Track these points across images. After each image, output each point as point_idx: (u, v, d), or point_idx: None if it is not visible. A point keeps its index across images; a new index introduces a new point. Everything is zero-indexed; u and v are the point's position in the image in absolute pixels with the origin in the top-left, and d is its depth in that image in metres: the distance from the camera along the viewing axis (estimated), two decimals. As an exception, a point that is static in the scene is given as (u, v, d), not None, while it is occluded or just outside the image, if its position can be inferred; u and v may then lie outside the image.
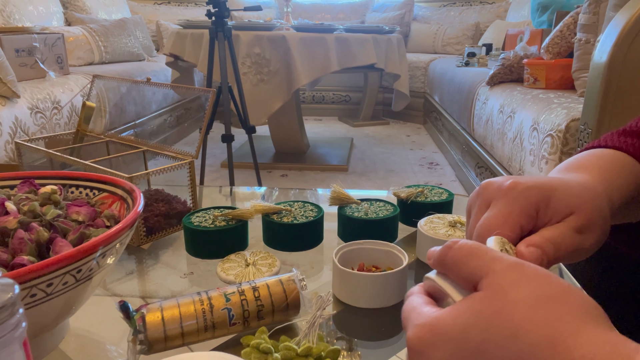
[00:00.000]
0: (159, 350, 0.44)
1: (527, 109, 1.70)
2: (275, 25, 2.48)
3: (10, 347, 0.23)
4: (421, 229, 0.67)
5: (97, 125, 0.97)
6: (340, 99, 4.46)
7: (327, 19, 4.53)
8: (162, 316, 0.43)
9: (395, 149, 3.30)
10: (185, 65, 2.68)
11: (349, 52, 2.39)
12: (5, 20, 2.65)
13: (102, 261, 0.43)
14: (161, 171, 0.73)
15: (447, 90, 3.12)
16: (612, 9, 1.33)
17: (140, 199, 0.51)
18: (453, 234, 0.66)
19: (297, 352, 0.41)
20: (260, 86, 2.34)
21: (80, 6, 3.42)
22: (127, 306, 0.44)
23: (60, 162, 0.81)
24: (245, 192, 1.05)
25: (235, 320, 0.46)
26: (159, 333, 0.43)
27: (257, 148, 2.64)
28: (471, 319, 0.26)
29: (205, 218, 0.70)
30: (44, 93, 1.99)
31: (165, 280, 0.65)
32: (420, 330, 0.28)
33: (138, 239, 0.71)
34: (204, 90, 0.90)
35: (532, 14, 3.00)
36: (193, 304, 0.45)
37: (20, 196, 0.53)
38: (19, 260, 0.43)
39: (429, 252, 0.33)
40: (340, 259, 0.59)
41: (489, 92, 2.22)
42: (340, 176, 2.69)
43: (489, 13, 4.30)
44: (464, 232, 0.61)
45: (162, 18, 4.22)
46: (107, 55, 3.12)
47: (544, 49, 1.97)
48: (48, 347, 0.48)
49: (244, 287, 0.48)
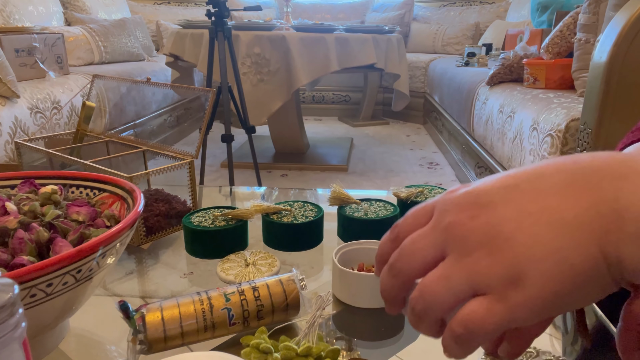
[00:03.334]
0: (158, 350, 0.44)
1: (527, 108, 1.70)
2: (275, 25, 2.48)
3: (10, 347, 0.23)
4: None
5: (97, 125, 0.97)
6: (340, 99, 4.46)
7: (327, 19, 4.53)
8: (162, 316, 0.43)
9: (395, 149, 3.30)
10: (185, 65, 2.68)
11: (349, 52, 2.39)
12: (5, 20, 2.65)
13: (102, 261, 0.43)
14: (161, 171, 0.73)
15: (447, 90, 3.12)
16: (612, 9, 1.33)
17: (141, 199, 0.51)
18: None
19: (297, 352, 0.41)
20: (260, 86, 2.34)
21: (80, 6, 3.42)
22: (127, 306, 0.44)
23: (60, 162, 0.81)
24: (245, 192, 1.05)
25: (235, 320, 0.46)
26: (159, 333, 0.43)
27: (257, 148, 2.64)
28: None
29: (205, 218, 0.70)
30: (43, 93, 1.99)
31: (165, 280, 0.65)
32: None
33: (138, 239, 0.71)
34: (204, 90, 0.90)
35: (532, 14, 3.00)
36: (193, 304, 0.45)
37: (21, 196, 0.53)
38: (19, 261, 0.43)
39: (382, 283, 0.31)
40: (340, 259, 0.59)
41: (488, 92, 2.22)
42: (340, 176, 2.69)
43: (489, 13, 4.30)
44: None
45: (162, 18, 4.22)
46: (107, 55, 3.12)
47: (544, 49, 1.97)
48: (48, 347, 0.48)
49: (244, 287, 0.48)
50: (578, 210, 0.25)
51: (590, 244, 0.24)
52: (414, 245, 0.29)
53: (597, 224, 0.24)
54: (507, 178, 0.27)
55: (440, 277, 0.27)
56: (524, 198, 0.26)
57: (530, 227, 0.25)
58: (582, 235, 0.25)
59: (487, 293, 0.26)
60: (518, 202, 0.26)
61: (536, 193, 0.26)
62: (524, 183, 0.27)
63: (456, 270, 0.27)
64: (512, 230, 0.26)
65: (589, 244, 0.24)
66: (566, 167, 0.27)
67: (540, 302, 0.25)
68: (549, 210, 0.25)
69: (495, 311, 0.25)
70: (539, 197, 0.26)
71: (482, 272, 0.26)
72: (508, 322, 0.26)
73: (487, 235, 0.26)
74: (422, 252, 0.29)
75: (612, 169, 0.25)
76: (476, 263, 0.26)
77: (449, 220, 0.27)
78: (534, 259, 0.25)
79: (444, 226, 0.28)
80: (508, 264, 0.25)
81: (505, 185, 0.27)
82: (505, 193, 0.27)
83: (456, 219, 0.27)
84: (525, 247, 0.25)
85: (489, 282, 0.26)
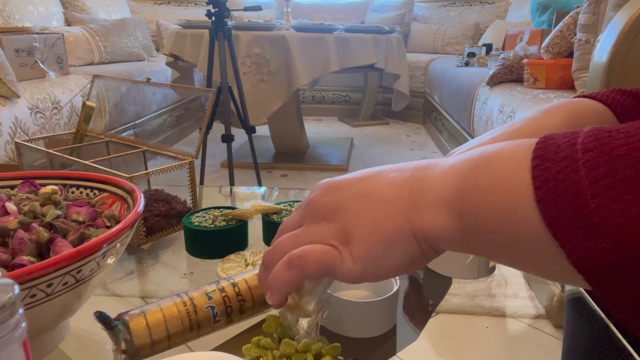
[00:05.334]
0: (146, 355, 0.44)
1: (527, 109, 1.70)
2: (275, 25, 2.48)
3: (10, 347, 0.23)
4: None
5: (97, 125, 0.97)
6: (340, 99, 4.46)
7: (327, 19, 4.53)
8: (146, 322, 0.43)
9: (395, 149, 3.30)
10: (185, 65, 2.68)
11: (349, 52, 2.39)
12: (5, 20, 2.65)
13: (102, 261, 0.43)
14: (161, 171, 0.73)
15: (447, 90, 3.12)
16: (612, 9, 1.33)
17: (141, 199, 0.51)
18: None
19: (296, 348, 0.42)
20: (260, 86, 2.34)
21: (80, 6, 3.42)
22: (106, 316, 0.43)
23: (60, 162, 0.81)
24: (245, 192, 1.05)
25: (219, 317, 0.47)
26: (145, 339, 0.43)
27: (257, 148, 2.64)
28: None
29: (205, 218, 0.70)
30: (43, 93, 1.99)
31: (165, 280, 0.65)
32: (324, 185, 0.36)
33: (138, 239, 0.71)
34: (204, 90, 0.90)
35: (532, 14, 3.00)
36: (176, 306, 0.45)
37: (21, 196, 0.53)
38: (19, 261, 0.43)
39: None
40: None
41: (489, 92, 2.22)
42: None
43: (489, 13, 4.30)
44: None
45: (162, 18, 4.22)
46: (107, 55, 3.12)
47: (544, 49, 1.97)
48: (48, 347, 0.48)
49: (223, 284, 0.49)
50: (395, 189, 0.32)
51: (399, 215, 0.31)
52: (282, 232, 0.37)
53: (405, 199, 0.32)
54: (359, 173, 0.36)
55: (290, 236, 0.35)
56: (363, 185, 0.34)
57: (361, 203, 0.33)
58: (393, 209, 0.32)
59: None
60: (358, 187, 0.34)
61: (372, 181, 0.34)
62: (366, 175, 0.35)
63: (304, 232, 0.35)
64: (349, 206, 0.33)
65: (397, 214, 0.31)
66: (401, 166, 0.34)
67: (360, 257, 0.32)
68: (377, 192, 0.33)
69: (330, 252, 0.33)
70: (372, 184, 0.34)
71: (322, 234, 0.34)
72: (334, 265, 0.33)
73: (331, 208, 0.34)
74: (288, 230, 0.36)
75: (431, 164, 0.33)
76: (321, 228, 0.34)
77: (310, 197, 0.36)
78: (358, 226, 0.32)
79: (306, 203, 0.36)
80: (341, 229, 0.33)
81: (354, 176, 0.35)
82: (353, 181, 0.35)
83: (314, 196, 0.35)
84: (355, 217, 0.33)
85: (328, 242, 0.33)
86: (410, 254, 0.32)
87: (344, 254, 0.33)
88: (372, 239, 0.32)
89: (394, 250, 0.32)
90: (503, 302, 0.59)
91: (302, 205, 0.37)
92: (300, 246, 0.34)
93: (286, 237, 0.35)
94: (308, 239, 0.34)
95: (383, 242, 0.32)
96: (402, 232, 0.31)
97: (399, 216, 0.31)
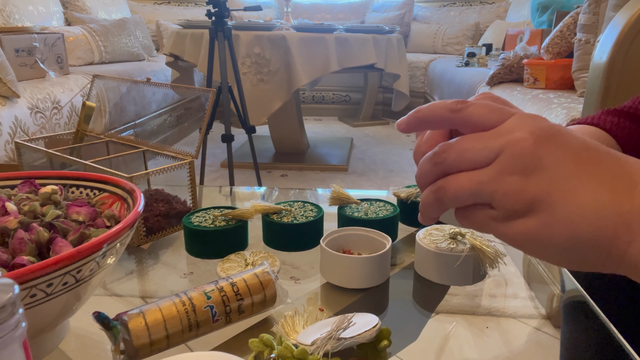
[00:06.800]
0: (144, 355, 0.44)
1: (527, 109, 1.70)
2: (275, 25, 2.48)
3: (10, 347, 0.23)
4: (420, 242, 0.63)
5: (97, 125, 0.97)
6: (340, 99, 4.46)
7: (327, 19, 4.53)
8: (145, 321, 0.43)
9: (395, 149, 3.30)
10: (185, 65, 2.68)
11: (349, 52, 2.39)
12: (5, 20, 2.65)
13: (102, 261, 0.43)
14: (161, 171, 0.73)
15: (447, 90, 3.12)
16: (612, 9, 1.33)
17: (141, 199, 0.51)
18: (455, 247, 0.61)
19: (292, 353, 0.41)
20: (260, 86, 2.34)
21: (80, 6, 3.42)
22: (105, 316, 0.43)
23: (60, 162, 0.81)
24: (245, 192, 1.05)
25: (218, 316, 0.47)
26: (144, 338, 0.43)
27: (257, 148, 2.64)
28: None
29: (205, 218, 0.70)
30: (43, 93, 1.99)
31: (165, 280, 0.65)
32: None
33: (138, 239, 0.71)
34: (204, 90, 0.90)
35: (532, 14, 3.00)
36: (175, 306, 0.45)
37: (21, 196, 0.53)
38: (19, 261, 0.43)
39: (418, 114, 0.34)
40: (329, 244, 0.63)
41: (489, 92, 2.22)
42: (340, 176, 2.68)
43: (489, 13, 4.30)
44: (465, 245, 0.61)
45: (162, 18, 4.22)
46: (107, 55, 3.12)
47: (544, 49, 1.97)
48: (48, 347, 0.48)
49: (222, 284, 0.49)
50: (612, 196, 0.27)
51: (609, 218, 0.27)
52: (469, 143, 0.30)
53: (626, 213, 0.27)
54: (580, 138, 0.29)
55: (473, 181, 0.29)
56: (584, 162, 0.28)
57: (573, 185, 0.27)
58: (604, 212, 0.27)
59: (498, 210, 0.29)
60: (576, 162, 0.28)
61: (594, 164, 0.28)
62: (594, 152, 0.29)
63: (491, 184, 0.29)
64: (557, 178, 0.28)
65: (608, 218, 0.27)
66: (612, 156, 0.29)
67: (533, 237, 0.28)
68: (595, 181, 0.27)
69: (491, 224, 0.29)
70: (594, 168, 0.28)
71: (509, 194, 0.28)
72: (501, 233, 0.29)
73: (533, 164, 0.28)
74: (475, 151, 0.30)
75: None
76: (510, 184, 0.28)
77: (519, 136, 0.28)
78: (555, 204, 0.27)
79: (510, 138, 0.29)
80: (531, 199, 0.28)
81: (577, 144, 0.29)
82: (574, 151, 0.28)
83: (525, 136, 0.28)
84: (557, 193, 0.27)
85: (506, 207, 0.28)
86: (596, 264, 0.28)
87: (510, 228, 0.29)
88: (564, 229, 0.28)
89: (578, 251, 0.28)
90: (503, 302, 0.59)
91: (504, 133, 0.29)
92: (476, 200, 0.30)
93: (469, 178, 0.30)
94: (489, 199, 0.29)
95: (571, 237, 0.28)
96: (599, 242, 0.28)
97: (608, 220, 0.27)
